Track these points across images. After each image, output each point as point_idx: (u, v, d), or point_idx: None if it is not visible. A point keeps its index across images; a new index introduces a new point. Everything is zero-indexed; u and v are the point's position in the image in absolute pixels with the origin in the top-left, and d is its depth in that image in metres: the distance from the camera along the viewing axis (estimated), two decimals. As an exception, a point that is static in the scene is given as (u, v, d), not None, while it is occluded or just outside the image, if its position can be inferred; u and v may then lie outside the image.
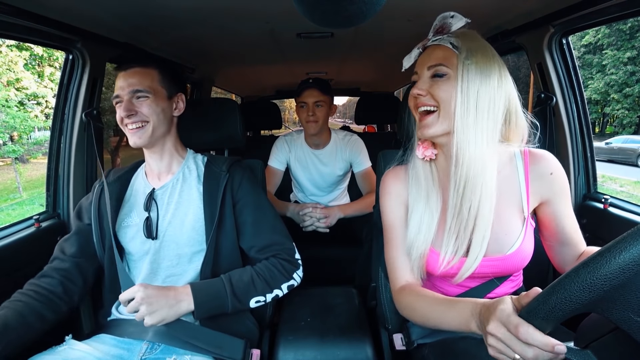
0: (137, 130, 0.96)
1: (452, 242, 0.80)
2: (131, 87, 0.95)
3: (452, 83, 0.76)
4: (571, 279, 0.46)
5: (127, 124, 0.95)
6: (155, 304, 0.85)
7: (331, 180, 1.90)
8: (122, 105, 0.95)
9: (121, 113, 0.94)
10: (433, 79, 0.79)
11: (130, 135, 0.96)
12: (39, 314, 0.85)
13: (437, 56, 0.78)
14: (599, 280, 0.43)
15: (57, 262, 0.96)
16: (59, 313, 0.90)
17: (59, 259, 0.96)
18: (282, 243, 1.03)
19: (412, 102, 0.83)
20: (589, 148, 1.28)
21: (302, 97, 1.73)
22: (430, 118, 0.78)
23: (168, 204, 1.00)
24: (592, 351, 0.51)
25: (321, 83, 1.74)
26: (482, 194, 0.76)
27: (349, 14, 0.67)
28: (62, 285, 0.92)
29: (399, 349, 0.97)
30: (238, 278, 0.96)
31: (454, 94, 0.75)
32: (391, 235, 0.90)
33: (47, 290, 0.89)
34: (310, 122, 1.73)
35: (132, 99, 0.95)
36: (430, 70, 0.78)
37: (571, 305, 0.46)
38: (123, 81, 0.96)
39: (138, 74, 0.96)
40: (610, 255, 0.43)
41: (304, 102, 1.73)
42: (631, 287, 0.43)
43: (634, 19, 1.59)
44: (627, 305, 0.44)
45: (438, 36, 0.80)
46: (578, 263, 0.47)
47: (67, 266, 0.95)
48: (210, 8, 1.17)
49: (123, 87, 0.95)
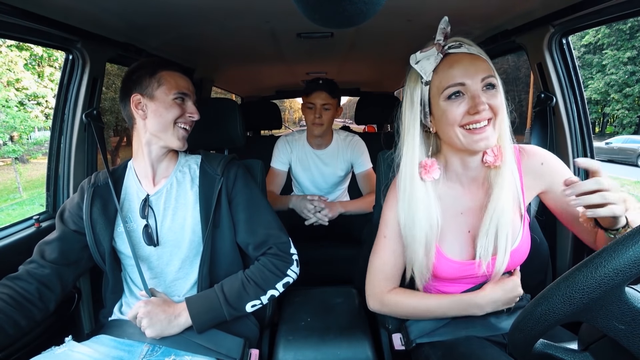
0: (188, 132, 1.03)
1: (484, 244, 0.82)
2: (194, 97, 1.04)
3: (500, 95, 0.78)
4: (553, 292, 0.48)
5: (185, 124, 1.00)
6: (155, 318, 0.89)
7: (332, 181, 1.90)
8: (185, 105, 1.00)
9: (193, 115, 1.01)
10: (486, 90, 0.77)
11: (183, 135, 1.00)
12: (13, 320, 0.83)
13: (484, 67, 0.77)
14: (578, 294, 0.46)
15: (34, 266, 0.91)
16: (33, 320, 0.87)
17: (37, 263, 0.92)
18: (277, 237, 1.02)
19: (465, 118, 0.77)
20: (589, 148, 1.28)
21: (311, 98, 1.71)
22: (489, 129, 0.77)
23: (165, 209, 0.99)
24: (590, 353, 0.52)
25: (331, 86, 1.72)
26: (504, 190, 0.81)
27: (349, 14, 0.67)
28: (39, 292, 0.89)
29: (398, 348, 0.97)
30: (230, 286, 0.96)
31: (503, 106, 0.78)
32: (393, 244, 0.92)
33: (22, 296, 0.86)
34: (316, 125, 1.72)
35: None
36: (484, 81, 0.76)
37: (556, 316, 0.48)
38: (191, 86, 1.03)
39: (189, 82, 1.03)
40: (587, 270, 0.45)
41: (312, 103, 1.71)
42: (611, 299, 0.45)
43: (634, 19, 1.59)
44: (610, 315, 0.46)
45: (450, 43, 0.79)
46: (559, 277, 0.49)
47: (45, 272, 0.91)
48: (210, 8, 1.17)
49: (192, 92, 1.03)
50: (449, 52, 0.78)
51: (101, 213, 0.97)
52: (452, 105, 0.77)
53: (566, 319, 0.48)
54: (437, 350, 0.88)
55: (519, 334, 0.54)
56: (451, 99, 0.77)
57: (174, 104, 0.97)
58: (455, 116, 0.77)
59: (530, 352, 0.55)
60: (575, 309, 0.47)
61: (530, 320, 0.51)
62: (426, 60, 0.79)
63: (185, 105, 1.00)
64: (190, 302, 0.94)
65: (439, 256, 0.87)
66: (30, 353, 0.84)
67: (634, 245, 0.42)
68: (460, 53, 0.78)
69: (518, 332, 0.54)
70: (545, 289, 0.51)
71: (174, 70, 1.00)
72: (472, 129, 0.76)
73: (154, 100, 0.96)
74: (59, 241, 0.95)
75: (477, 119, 0.75)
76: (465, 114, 0.76)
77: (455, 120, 0.77)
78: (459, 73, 0.76)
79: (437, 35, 0.78)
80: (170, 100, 0.97)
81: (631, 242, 0.42)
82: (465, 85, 0.76)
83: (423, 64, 0.79)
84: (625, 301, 0.45)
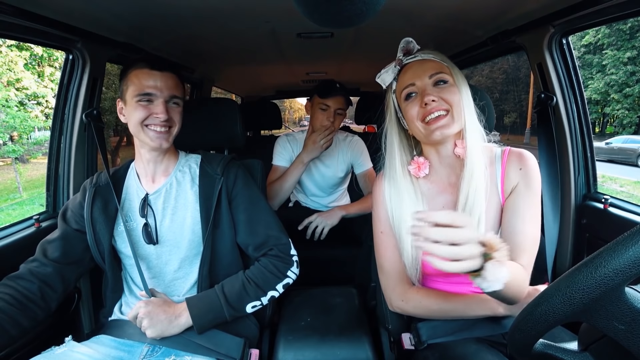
0: (164, 133, 0.95)
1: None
2: (170, 92, 0.95)
3: (454, 89, 0.85)
4: (553, 292, 0.48)
5: (154, 125, 0.94)
6: (155, 318, 0.89)
7: (332, 182, 1.90)
8: (152, 105, 0.93)
9: (159, 115, 0.92)
10: (437, 86, 0.85)
11: (155, 137, 0.94)
12: (15, 320, 0.82)
13: (432, 66, 0.86)
14: (578, 294, 0.46)
15: (37, 265, 0.91)
16: (35, 320, 0.87)
17: (39, 261, 0.92)
18: (277, 238, 1.02)
19: (420, 112, 0.85)
20: (589, 148, 1.28)
21: (327, 101, 1.65)
22: (445, 119, 0.83)
23: (164, 209, 0.99)
24: (590, 353, 0.52)
25: (347, 92, 1.69)
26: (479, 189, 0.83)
27: (349, 14, 0.67)
28: (41, 291, 0.88)
29: (407, 348, 0.96)
30: (230, 287, 0.96)
31: (459, 98, 0.84)
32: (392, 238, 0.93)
33: (24, 296, 0.86)
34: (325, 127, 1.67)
35: (167, 103, 0.95)
36: (432, 78, 0.85)
37: (555, 316, 0.48)
38: (161, 82, 0.93)
39: (174, 80, 0.96)
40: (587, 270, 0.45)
41: (327, 105, 1.65)
42: (611, 299, 0.45)
43: (634, 19, 1.59)
44: (610, 315, 0.46)
45: (410, 56, 0.90)
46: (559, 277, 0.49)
47: (48, 271, 0.91)
48: (210, 8, 1.17)
49: (161, 89, 0.93)
50: (405, 62, 0.90)
51: (101, 212, 0.97)
52: (410, 104, 0.87)
53: (566, 319, 0.48)
54: (434, 352, 0.88)
55: (519, 334, 0.54)
56: (409, 99, 0.88)
57: (139, 106, 0.93)
58: (413, 112, 0.86)
59: (530, 352, 0.55)
60: (575, 309, 0.47)
61: (530, 320, 0.51)
62: (385, 74, 0.92)
63: (151, 106, 0.93)
64: (190, 302, 0.93)
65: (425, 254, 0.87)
66: (30, 353, 0.83)
67: (634, 245, 0.42)
68: (413, 61, 0.89)
69: (518, 332, 0.54)
70: (545, 289, 0.51)
71: (142, 68, 0.93)
72: (428, 121, 0.84)
73: (126, 104, 0.96)
74: (61, 240, 0.96)
75: (429, 109, 0.83)
76: (420, 109, 0.85)
77: (413, 116, 0.86)
78: (409, 76, 0.87)
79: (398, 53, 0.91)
80: (135, 102, 0.93)
81: (631, 242, 0.42)
82: (415, 85, 0.86)
83: (383, 76, 0.92)
84: (625, 301, 0.45)
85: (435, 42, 1.69)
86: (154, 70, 0.93)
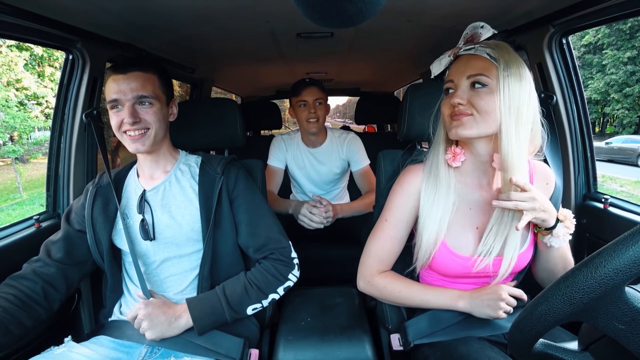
0: (139, 137, 0.93)
1: (490, 242, 0.83)
2: (135, 92, 0.91)
3: (493, 94, 0.78)
4: (553, 292, 0.48)
5: (128, 130, 0.92)
6: (155, 320, 0.89)
7: (328, 179, 1.90)
8: (122, 110, 0.92)
9: (126, 119, 0.90)
10: (473, 88, 0.80)
11: (131, 142, 0.93)
12: (19, 320, 0.82)
13: (476, 66, 0.79)
14: (578, 294, 0.46)
15: (40, 265, 0.91)
16: (38, 320, 0.87)
17: (43, 261, 0.92)
18: (278, 242, 1.02)
19: (448, 110, 0.83)
20: (589, 148, 1.28)
21: (302, 96, 1.73)
22: (466, 118, 0.80)
23: (162, 205, 0.99)
24: (590, 353, 0.52)
25: (318, 82, 1.76)
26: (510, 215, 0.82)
27: (349, 14, 0.67)
28: (44, 291, 0.89)
29: (396, 349, 0.98)
30: (232, 289, 0.96)
31: (496, 105, 0.77)
32: (393, 230, 0.94)
33: (27, 296, 0.86)
34: (311, 122, 1.72)
35: (134, 105, 0.92)
36: (470, 79, 0.80)
37: (556, 316, 0.48)
38: (124, 85, 0.90)
39: (140, 79, 0.92)
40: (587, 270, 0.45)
41: (304, 100, 1.72)
42: (611, 299, 0.45)
43: (634, 19, 1.59)
44: (611, 315, 0.46)
45: (470, 45, 0.83)
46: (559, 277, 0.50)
47: (51, 271, 0.91)
48: (210, 8, 1.17)
49: (125, 92, 0.90)
50: (460, 54, 0.84)
51: (101, 211, 0.97)
52: (446, 99, 0.85)
53: (566, 319, 0.48)
54: (435, 350, 0.88)
55: (519, 333, 0.54)
56: (447, 94, 0.86)
57: (112, 114, 0.92)
58: (444, 109, 0.85)
59: (530, 352, 0.55)
60: (575, 309, 0.47)
61: (530, 320, 0.51)
62: (437, 62, 0.88)
63: (121, 112, 0.92)
64: (191, 304, 0.93)
65: (442, 247, 0.88)
66: (30, 353, 0.83)
67: (634, 245, 0.42)
68: (466, 54, 0.83)
69: (518, 332, 0.54)
70: (545, 289, 0.51)
71: (110, 74, 0.92)
72: (452, 115, 0.82)
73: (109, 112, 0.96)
74: (65, 240, 0.96)
75: (455, 111, 0.81)
76: (450, 107, 0.83)
77: (444, 112, 0.85)
78: (453, 71, 0.84)
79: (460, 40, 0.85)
80: (110, 110, 0.93)
81: (631, 242, 0.42)
82: (453, 82, 0.83)
83: (433, 65, 0.89)
84: (625, 301, 0.45)
85: (435, 42, 1.69)
86: (116, 74, 0.91)
